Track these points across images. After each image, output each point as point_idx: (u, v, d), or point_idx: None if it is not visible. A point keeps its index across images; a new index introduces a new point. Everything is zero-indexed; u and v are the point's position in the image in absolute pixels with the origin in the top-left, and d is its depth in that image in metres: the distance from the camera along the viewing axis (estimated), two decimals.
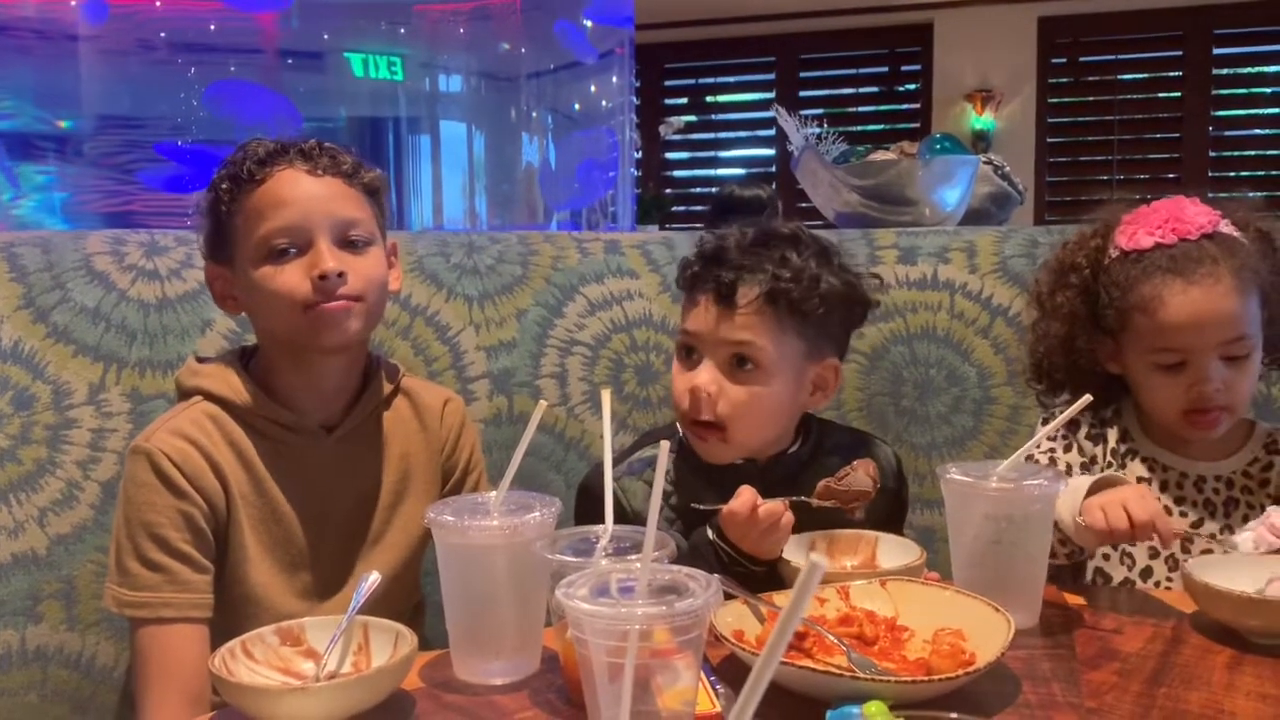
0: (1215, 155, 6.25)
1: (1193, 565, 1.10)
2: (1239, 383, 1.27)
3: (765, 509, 1.12)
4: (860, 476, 1.18)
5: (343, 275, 1.13)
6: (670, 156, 7.29)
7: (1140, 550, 1.33)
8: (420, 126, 4.04)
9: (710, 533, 1.17)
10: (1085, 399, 1.14)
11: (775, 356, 1.23)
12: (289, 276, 1.13)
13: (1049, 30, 6.28)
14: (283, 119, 3.35)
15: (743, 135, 7.12)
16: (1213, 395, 1.25)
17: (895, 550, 1.20)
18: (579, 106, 4.26)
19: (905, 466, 1.43)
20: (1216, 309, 1.24)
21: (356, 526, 1.23)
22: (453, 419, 1.31)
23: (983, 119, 6.32)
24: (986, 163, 2.07)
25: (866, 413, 1.63)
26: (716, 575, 0.82)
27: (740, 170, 7.07)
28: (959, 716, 0.67)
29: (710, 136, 7.23)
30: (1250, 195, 1.53)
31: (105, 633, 1.30)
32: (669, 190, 7.13)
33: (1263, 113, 6.15)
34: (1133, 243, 1.31)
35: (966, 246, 1.65)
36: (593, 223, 4.21)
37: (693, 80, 7.10)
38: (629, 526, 0.97)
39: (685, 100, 7.13)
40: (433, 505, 1.00)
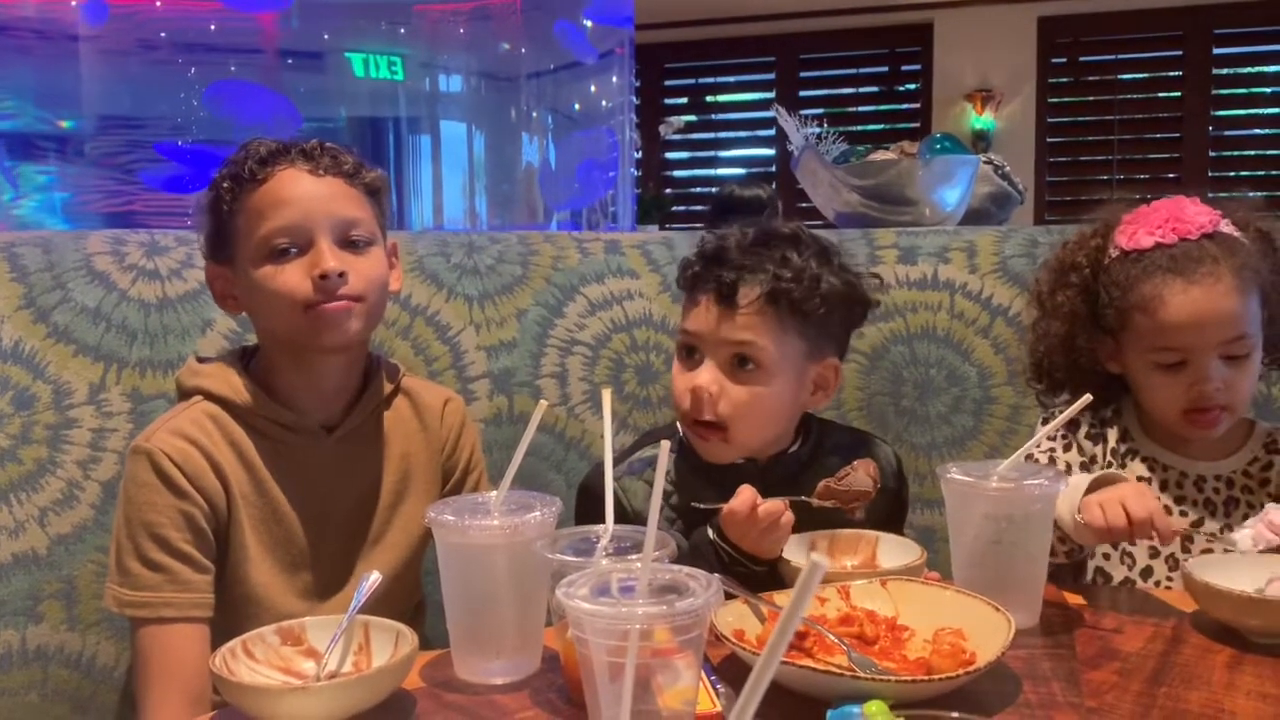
0: (1215, 155, 6.25)
1: (1193, 565, 1.10)
2: (1239, 382, 1.27)
3: (765, 508, 1.13)
4: (861, 477, 1.19)
5: (344, 275, 1.13)
6: (670, 156, 7.29)
7: (1140, 550, 1.33)
8: (420, 126, 4.04)
9: (710, 532, 1.17)
10: (1085, 399, 1.14)
11: (777, 356, 1.23)
12: (290, 276, 1.13)
13: (1049, 30, 6.28)
14: (283, 119, 3.35)
15: (743, 135, 7.12)
16: (1213, 394, 1.26)
17: (895, 550, 1.20)
18: (579, 106, 4.25)
19: (905, 466, 1.43)
20: (1217, 308, 1.24)
21: (357, 526, 1.23)
22: (453, 419, 1.31)
23: (983, 119, 6.32)
24: (986, 163, 2.07)
25: (866, 412, 1.63)
26: (717, 575, 0.82)
27: (740, 170, 7.06)
28: (960, 716, 0.67)
29: (710, 136, 7.22)
30: (1250, 195, 1.54)
31: (106, 633, 1.30)
32: (669, 190, 7.13)
33: (1263, 113, 6.15)
34: (1133, 242, 1.31)
35: (966, 246, 1.65)
36: (593, 223, 4.21)
37: (693, 80, 7.10)
38: (629, 526, 0.98)
39: (685, 100, 7.13)
40: (433, 505, 1.00)
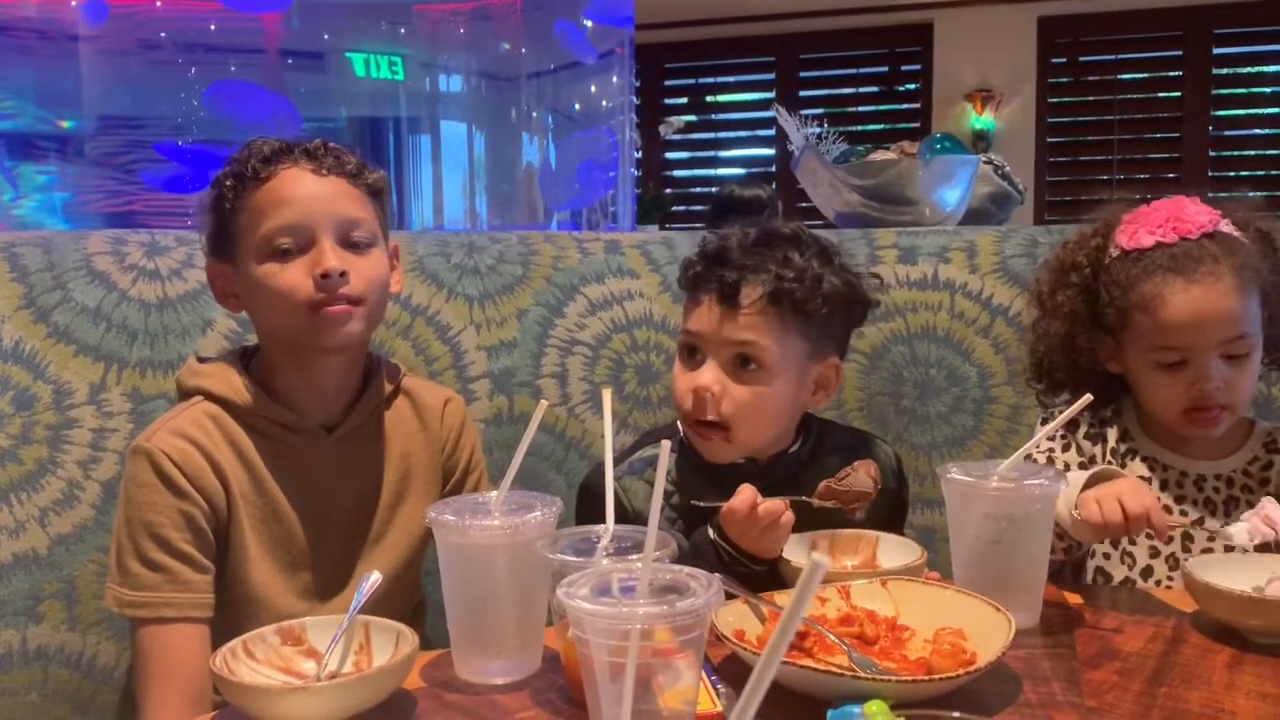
0: (1215, 155, 6.25)
1: (1193, 564, 1.10)
2: (1239, 381, 1.27)
3: (765, 507, 1.13)
4: (861, 477, 1.19)
5: (345, 274, 1.13)
6: (670, 156, 7.28)
7: (1141, 549, 1.33)
8: (421, 126, 4.04)
9: (711, 532, 1.17)
10: (1085, 399, 1.14)
11: (779, 356, 1.23)
12: (291, 275, 1.13)
13: (1049, 30, 6.28)
14: (283, 119, 3.35)
15: (743, 135, 7.12)
16: (1213, 394, 1.26)
17: (896, 550, 1.20)
18: (579, 106, 4.25)
19: (905, 466, 1.43)
20: (1217, 308, 1.24)
21: (357, 526, 1.23)
22: (453, 419, 1.31)
23: (983, 119, 6.32)
24: (986, 162, 2.07)
25: (867, 412, 1.63)
26: (717, 575, 0.82)
27: (740, 170, 7.07)
28: (960, 716, 0.67)
29: (710, 136, 7.22)
30: (1250, 195, 1.54)
31: (106, 632, 1.30)
32: (669, 190, 7.13)
33: (1263, 113, 6.15)
34: (1133, 242, 1.31)
35: (967, 246, 1.65)
36: (593, 223, 4.21)
37: (693, 80, 7.10)
38: (630, 526, 0.98)
39: (685, 100, 7.13)
40: (433, 505, 1.00)
